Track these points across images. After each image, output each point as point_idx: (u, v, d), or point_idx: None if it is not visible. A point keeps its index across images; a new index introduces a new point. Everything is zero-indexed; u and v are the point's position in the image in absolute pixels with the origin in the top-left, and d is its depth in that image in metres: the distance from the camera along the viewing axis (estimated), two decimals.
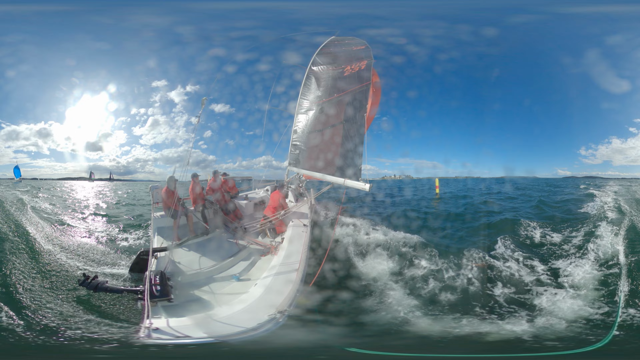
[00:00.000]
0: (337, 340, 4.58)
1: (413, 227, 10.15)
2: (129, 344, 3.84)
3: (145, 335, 3.29)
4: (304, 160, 9.27)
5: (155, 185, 7.15)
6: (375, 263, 7.21)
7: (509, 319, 5.22)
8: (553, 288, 6.15)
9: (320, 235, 7.48)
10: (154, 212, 6.97)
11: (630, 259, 6.89)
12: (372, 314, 5.36)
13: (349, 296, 5.79)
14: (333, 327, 4.84)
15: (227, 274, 5.58)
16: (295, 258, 5.15)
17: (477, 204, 16.50)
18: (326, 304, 5.35)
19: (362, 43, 9.56)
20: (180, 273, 5.30)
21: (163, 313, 3.93)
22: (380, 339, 4.77)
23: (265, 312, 3.73)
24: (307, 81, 9.96)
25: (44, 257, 6.92)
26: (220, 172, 8.33)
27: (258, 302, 4.11)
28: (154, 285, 4.20)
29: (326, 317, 5.04)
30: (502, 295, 5.99)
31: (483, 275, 6.65)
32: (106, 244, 8.66)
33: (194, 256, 5.92)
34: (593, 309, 5.36)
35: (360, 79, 8.40)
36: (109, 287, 4.51)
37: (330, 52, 9.98)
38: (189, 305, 4.51)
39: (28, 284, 5.61)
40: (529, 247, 8.52)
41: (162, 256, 5.45)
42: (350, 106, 8.37)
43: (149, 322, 3.44)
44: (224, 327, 3.63)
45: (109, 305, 5.03)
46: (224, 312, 4.03)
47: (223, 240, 6.74)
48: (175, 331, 3.47)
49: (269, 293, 4.27)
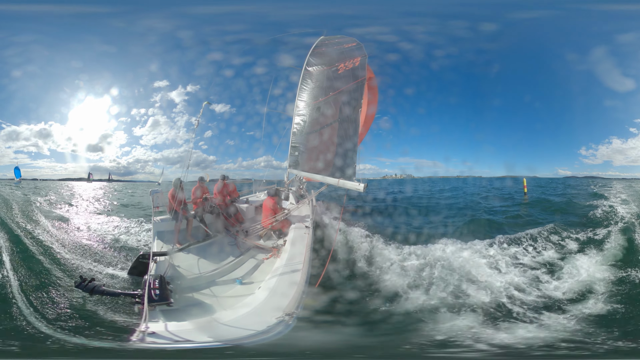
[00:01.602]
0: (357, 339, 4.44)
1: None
2: (122, 349, 3.73)
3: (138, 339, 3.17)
4: (302, 162, 9.23)
5: (156, 190, 7.10)
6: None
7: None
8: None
9: (347, 240, 7.21)
10: (154, 217, 6.91)
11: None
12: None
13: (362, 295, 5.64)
14: (347, 328, 4.74)
15: (229, 277, 5.48)
16: (299, 260, 5.05)
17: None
18: (335, 305, 5.26)
19: (353, 40, 9.61)
20: (181, 277, 5.21)
21: (161, 317, 3.82)
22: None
23: (272, 315, 3.63)
24: (304, 82, 9.97)
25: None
26: (227, 176, 8.34)
27: (263, 305, 3.99)
28: (153, 290, 4.10)
29: (337, 317, 4.94)
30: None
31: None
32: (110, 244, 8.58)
33: (195, 260, 5.83)
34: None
35: (355, 76, 8.38)
36: (105, 290, 4.37)
37: (322, 51, 10.01)
38: (189, 309, 4.42)
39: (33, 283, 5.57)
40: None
41: (161, 260, 5.36)
42: (346, 104, 8.33)
43: (145, 326, 3.32)
44: (230, 330, 3.52)
45: (106, 309, 4.94)
46: (228, 315, 3.93)
47: (224, 244, 6.65)
48: (174, 335, 3.35)
49: (274, 296, 4.16)
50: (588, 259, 7.34)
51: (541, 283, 6.31)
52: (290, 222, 6.83)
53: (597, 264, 7.06)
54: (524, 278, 6.47)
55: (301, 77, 9.93)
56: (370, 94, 10.92)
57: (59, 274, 6.15)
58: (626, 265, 6.92)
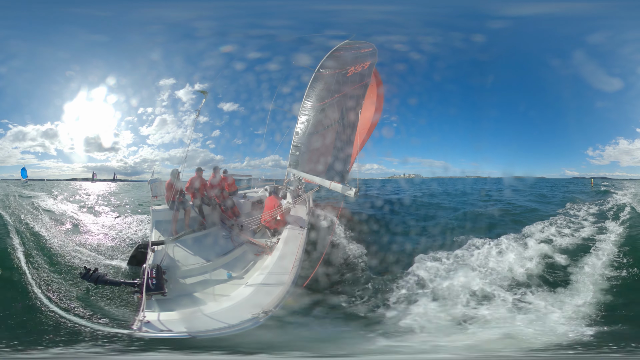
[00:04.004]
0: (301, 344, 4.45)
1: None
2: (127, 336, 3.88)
3: (137, 328, 3.35)
4: (303, 162, 9.32)
5: (155, 179, 7.19)
6: None
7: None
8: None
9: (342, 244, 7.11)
10: (153, 206, 7.02)
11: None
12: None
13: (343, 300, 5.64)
14: (309, 332, 4.74)
15: (221, 270, 5.61)
16: (289, 260, 5.19)
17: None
18: (314, 308, 5.25)
19: (370, 46, 9.63)
20: (176, 267, 5.35)
21: (157, 307, 3.99)
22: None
23: (250, 311, 3.77)
24: (313, 83, 10.03)
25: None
26: (220, 168, 8.39)
27: (246, 300, 4.15)
28: (150, 279, 4.26)
29: (310, 320, 4.96)
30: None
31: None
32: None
33: (190, 251, 5.95)
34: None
35: (361, 80, 8.46)
36: (108, 279, 4.59)
37: (339, 55, 10.04)
38: (180, 299, 4.57)
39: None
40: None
41: (159, 249, 5.50)
42: (348, 106, 8.40)
43: (142, 316, 3.50)
44: (208, 323, 3.67)
45: (107, 299, 5.08)
46: (212, 308, 4.09)
47: (219, 237, 6.78)
48: (163, 325, 3.52)
49: (258, 293, 4.32)
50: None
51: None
52: (285, 222, 6.96)
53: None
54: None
55: (312, 78, 9.99)
56: (376, 101, 11.01)
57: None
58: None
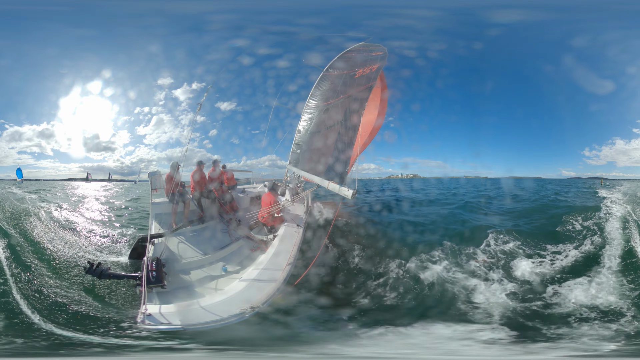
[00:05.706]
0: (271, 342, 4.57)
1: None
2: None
3: (140, 321, 3.52)
4: (303, 161, 9.40)
5: (154, 172, 7.28)
6: None
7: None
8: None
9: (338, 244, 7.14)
10: (152, 199, 7.10)
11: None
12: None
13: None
14: (286, 330, 4.80)
15: (217, 264, 5.74)
16: (284, 257, 5.28)
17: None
18: (301, 307, 5.32)
19: (382, 49, 9.60)
20: (175, 260, 5.49)
21: (157, 299, 4.15)
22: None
23: (239, 306, 3.89)
24: (320, 82, 10.03)
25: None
26: (220, 162, 8.49)
27: (237, 295, 4.26)
28: (150, 272, 4.41)
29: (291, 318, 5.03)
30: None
31: None
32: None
33: (188, 244, 6.08)
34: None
35: (367, 82, 8.49)
36: (112, 273, 4.72)
37: (351, 56, 9.99)
38: (178, 292, 4.71)
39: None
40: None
41: (158, 242, 5.63)
42: (351, 108, 8.44)
43: (144, 308, 3.66)
44: (200, 316, 3.79)
45: (110, 292, 5.25)
46: (206, 301, 4.20)
47: (217, 231, 6.90)
48: (164, 318, 3.65)
49: (250, 288, 4.42)
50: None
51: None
52: (283, 219, 7.07)
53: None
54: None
55: (320, 77, 10.00)
56: (380, 105, 11.06)
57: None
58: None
